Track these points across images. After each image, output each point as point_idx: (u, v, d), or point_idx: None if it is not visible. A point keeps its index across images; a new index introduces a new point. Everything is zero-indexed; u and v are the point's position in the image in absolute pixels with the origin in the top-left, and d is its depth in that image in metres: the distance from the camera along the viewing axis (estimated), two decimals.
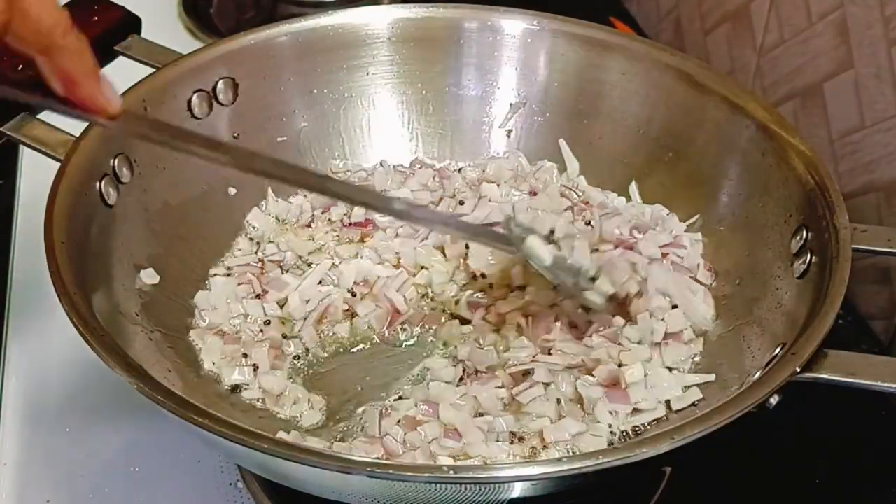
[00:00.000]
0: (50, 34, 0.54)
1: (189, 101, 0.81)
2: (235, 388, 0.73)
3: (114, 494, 0.74)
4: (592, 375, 0.71)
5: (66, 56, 0.56)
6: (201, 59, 0.83)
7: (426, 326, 0.79)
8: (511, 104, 0.91)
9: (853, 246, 0.66)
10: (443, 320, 0.79)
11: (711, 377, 0.72)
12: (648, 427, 0.70)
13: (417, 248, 0.83)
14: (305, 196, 0.88)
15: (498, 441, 0.68)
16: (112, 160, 0.74)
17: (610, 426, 0.69)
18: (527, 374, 0.72)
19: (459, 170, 0.91)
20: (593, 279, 0.74)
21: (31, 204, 0.97)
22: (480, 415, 0.70)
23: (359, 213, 0.85)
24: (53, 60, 0.56)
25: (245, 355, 0.75)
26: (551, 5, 0.90)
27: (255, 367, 0.74)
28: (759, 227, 0.77)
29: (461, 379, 0.73)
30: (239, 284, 0.80)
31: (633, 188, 0.87)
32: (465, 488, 0.56)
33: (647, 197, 0.87)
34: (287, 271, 0.82)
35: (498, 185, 0.88)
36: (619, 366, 0.71)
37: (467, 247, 0.82)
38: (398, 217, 0.74)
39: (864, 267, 0.90)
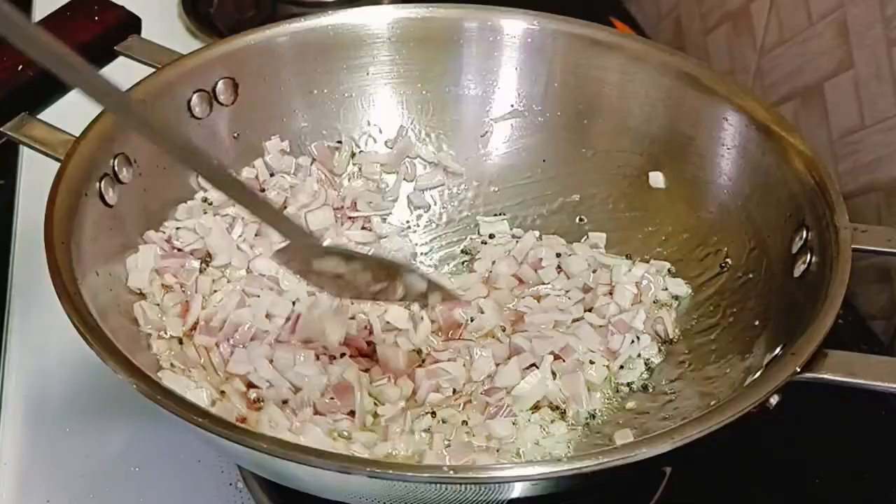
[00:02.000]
0: None
1: (189, 101, 0.81)
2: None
3: (114, 494, 0.74)
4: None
5: None
6: (201, 59, 0.83)
7: None
8: (511, 104, 0.91)
9: (853, 246, 0.66)
10: None
11: None
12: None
13: None
14: None
15: None
16: (112, 160, 0.74)
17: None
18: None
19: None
20: None
21: (31, 204, 0.97)
22: None
23: None
24: None
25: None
26: (551, 5, 0.90)
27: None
28: (758, 227, 0.77)
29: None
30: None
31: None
32: (466, 488, 0.56)
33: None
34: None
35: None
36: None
37: None
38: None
39: (864, 267, 0.90)
